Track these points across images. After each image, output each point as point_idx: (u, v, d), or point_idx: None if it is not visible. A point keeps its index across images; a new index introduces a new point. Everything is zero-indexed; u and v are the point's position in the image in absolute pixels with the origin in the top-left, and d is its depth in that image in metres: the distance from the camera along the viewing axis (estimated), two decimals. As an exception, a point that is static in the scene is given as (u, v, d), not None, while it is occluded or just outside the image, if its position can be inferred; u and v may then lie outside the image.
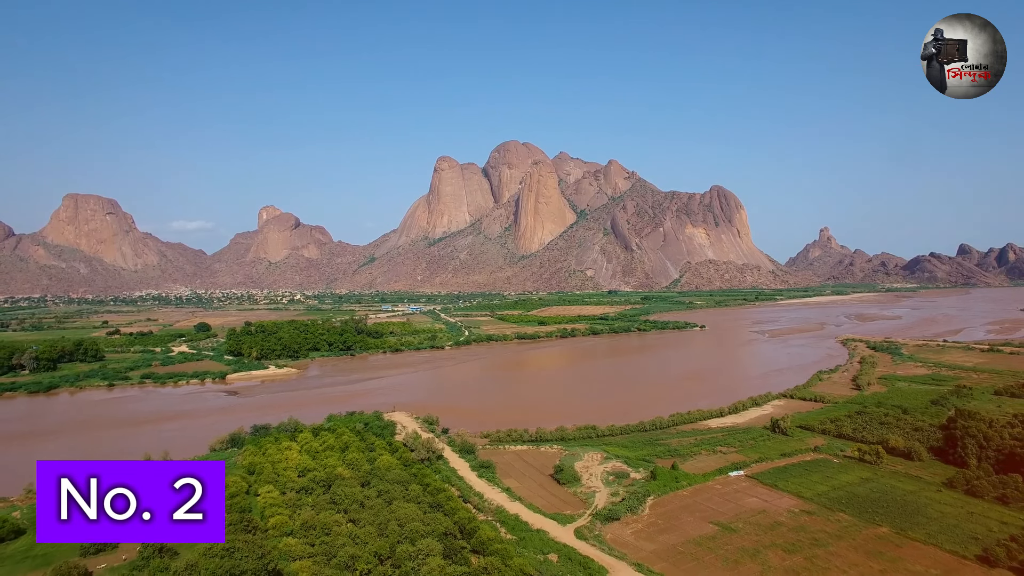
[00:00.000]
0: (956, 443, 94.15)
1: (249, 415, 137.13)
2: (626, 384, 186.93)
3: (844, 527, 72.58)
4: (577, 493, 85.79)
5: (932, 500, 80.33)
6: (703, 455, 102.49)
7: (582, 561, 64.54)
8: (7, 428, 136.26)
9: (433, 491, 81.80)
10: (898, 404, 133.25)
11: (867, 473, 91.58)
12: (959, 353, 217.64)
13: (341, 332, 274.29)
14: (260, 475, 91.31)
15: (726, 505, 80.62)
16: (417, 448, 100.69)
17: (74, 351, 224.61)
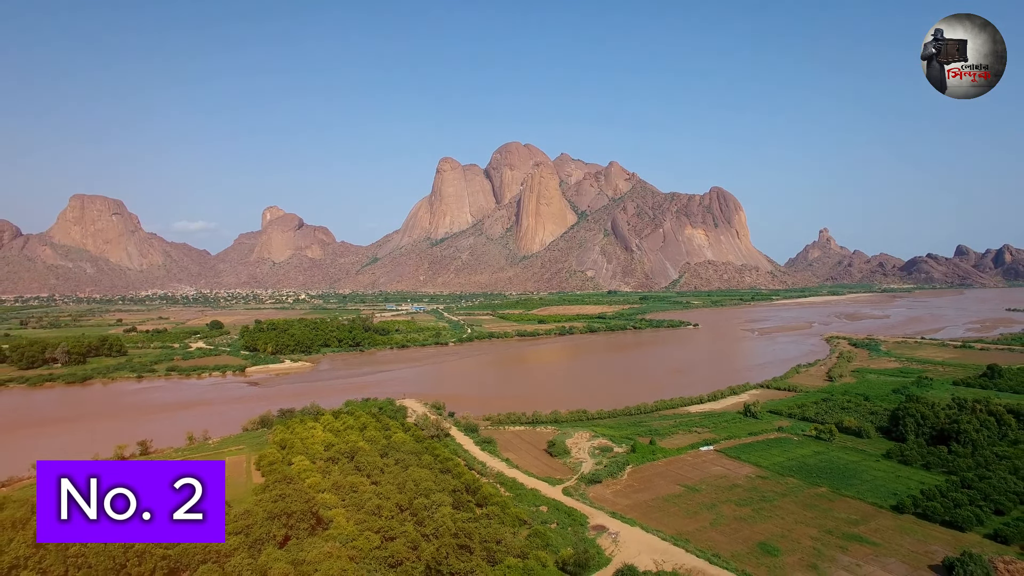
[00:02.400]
0: (899, 422, 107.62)
1: (272, 402, 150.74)
2: (617, 376, 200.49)
3: (790, 488, 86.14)
4: (566, 463, 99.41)
5: (869, 467, 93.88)
6: (680, 434, 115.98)
7: (567, 511, 78.18)
8: (62, 413, 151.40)
9: (443, 460, 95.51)
10: (862, 393, 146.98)
11: (820, 448, 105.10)
12: (933, 349, 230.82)
13: (350, 329, 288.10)
14: (291, 449, 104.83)
15: (694, 472, 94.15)
16: (427, 427, 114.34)
17: (99, 346, 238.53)
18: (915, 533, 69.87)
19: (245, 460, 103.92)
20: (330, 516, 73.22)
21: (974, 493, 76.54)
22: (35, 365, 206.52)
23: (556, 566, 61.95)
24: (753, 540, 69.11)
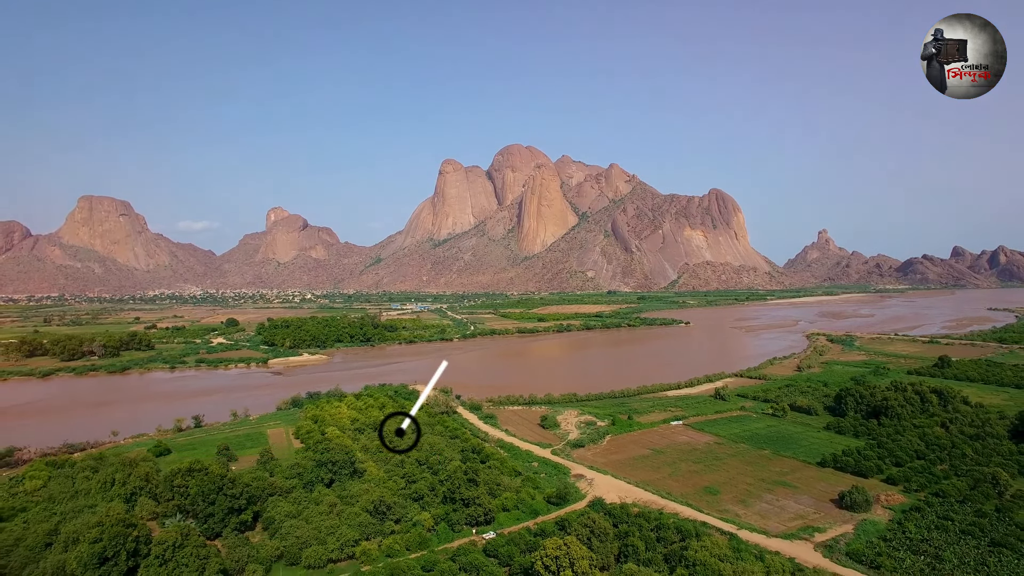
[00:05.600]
0: (841, 401, 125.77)
1: (296, 388, 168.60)
2: (608, 367, 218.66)
3: (740, 451, 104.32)
4: (556, 433, 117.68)
5: (810, 436, 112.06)
6: (655, 412, 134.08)
7: (554, 465, 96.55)
8: (116, 396, 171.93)
9: (452, 429, 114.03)
10: (823, 380, 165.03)
11: (773, 423, 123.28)
12: (903, 344, 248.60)
13: (360, 326, 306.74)
14: (323, 422, 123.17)
15: (662, 440, 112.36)
16: (437, 405, 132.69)
17: (130, 341, 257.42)
18: (829, 480, 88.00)
19: (284, 431, 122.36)
20: (364, 467, 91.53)
21: (883, 451, 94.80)
22: (75, 357, 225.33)
23: (543, 500, 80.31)
24: (701, 485, 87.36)
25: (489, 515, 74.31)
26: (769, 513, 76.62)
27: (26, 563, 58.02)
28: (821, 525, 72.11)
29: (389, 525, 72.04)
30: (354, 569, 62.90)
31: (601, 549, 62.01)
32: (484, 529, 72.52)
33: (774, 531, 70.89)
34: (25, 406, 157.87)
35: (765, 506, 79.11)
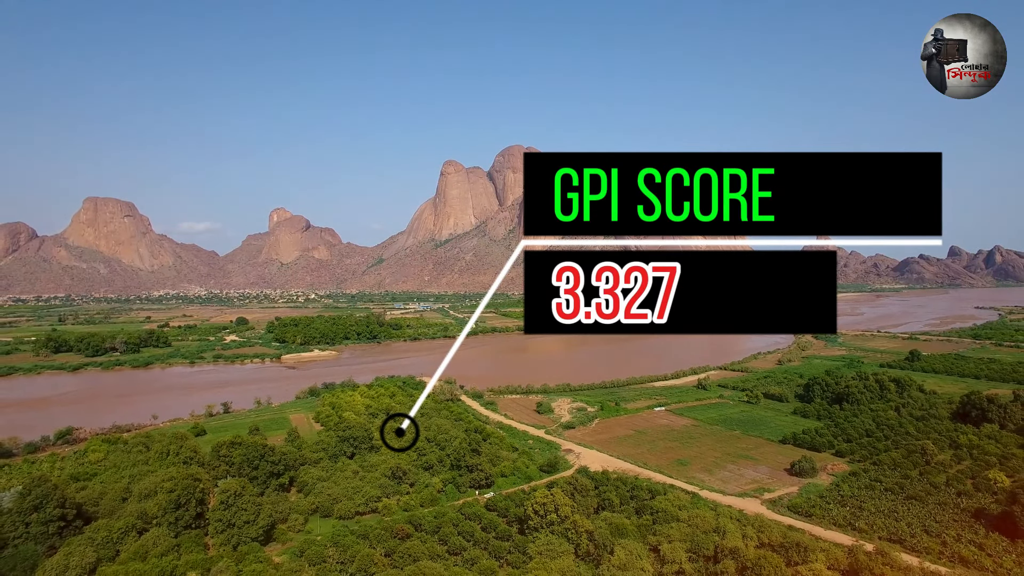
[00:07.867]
0: (809, 389, 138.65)
1: (311, 380, 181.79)
2: (601, 361, 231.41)
3: (713, 431, 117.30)
4: (550, 417, 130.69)
5: (777, 419, 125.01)
6: (641, 400, 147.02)
7: (547, 442, 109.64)
8: (145, 387, 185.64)
9: (456, 414, 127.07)
10: (800, 372, 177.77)
11: (747, 408, 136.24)
12: (884, 340, 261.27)
13: (366, 324, 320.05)
14: (339, 408, 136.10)
15: (645, 423, 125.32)
16: (443, 394, 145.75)
17: (148, 338, 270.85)
18: (786, 454, 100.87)
19: (305, 416, 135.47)
20: (379, 444, 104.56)
21: (837, 431, 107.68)
22: (99, 353, 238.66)
23: (536, 468, 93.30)
24: (674, 458, 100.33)
25: (489, 479, 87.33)
26: (730, 479, 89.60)
27: (112, 511, 71.10)
28: (771, 487, 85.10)
29: (405, 487, 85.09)
30: (377, 519, 75.93)
31: (583, 502, 74.92)
32: (485, 491, 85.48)
33: (731, 492, 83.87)
34: (65, 395, 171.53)
35: (727, 474, 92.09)
